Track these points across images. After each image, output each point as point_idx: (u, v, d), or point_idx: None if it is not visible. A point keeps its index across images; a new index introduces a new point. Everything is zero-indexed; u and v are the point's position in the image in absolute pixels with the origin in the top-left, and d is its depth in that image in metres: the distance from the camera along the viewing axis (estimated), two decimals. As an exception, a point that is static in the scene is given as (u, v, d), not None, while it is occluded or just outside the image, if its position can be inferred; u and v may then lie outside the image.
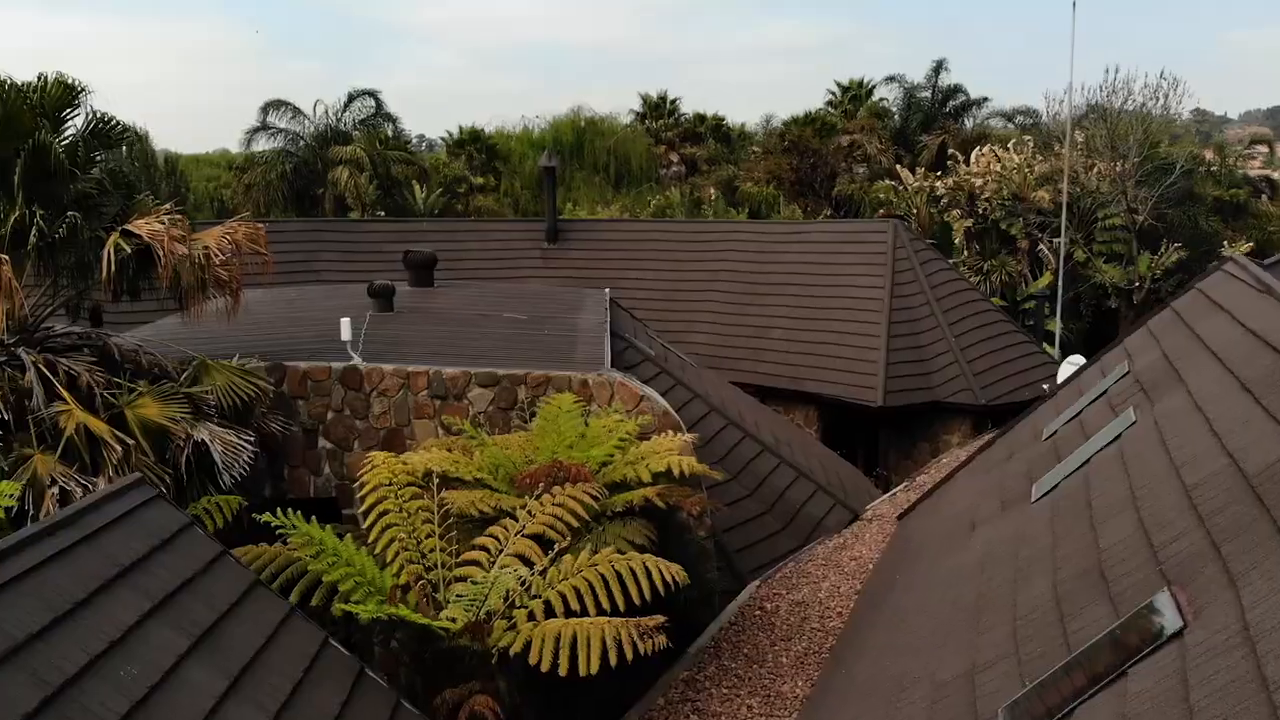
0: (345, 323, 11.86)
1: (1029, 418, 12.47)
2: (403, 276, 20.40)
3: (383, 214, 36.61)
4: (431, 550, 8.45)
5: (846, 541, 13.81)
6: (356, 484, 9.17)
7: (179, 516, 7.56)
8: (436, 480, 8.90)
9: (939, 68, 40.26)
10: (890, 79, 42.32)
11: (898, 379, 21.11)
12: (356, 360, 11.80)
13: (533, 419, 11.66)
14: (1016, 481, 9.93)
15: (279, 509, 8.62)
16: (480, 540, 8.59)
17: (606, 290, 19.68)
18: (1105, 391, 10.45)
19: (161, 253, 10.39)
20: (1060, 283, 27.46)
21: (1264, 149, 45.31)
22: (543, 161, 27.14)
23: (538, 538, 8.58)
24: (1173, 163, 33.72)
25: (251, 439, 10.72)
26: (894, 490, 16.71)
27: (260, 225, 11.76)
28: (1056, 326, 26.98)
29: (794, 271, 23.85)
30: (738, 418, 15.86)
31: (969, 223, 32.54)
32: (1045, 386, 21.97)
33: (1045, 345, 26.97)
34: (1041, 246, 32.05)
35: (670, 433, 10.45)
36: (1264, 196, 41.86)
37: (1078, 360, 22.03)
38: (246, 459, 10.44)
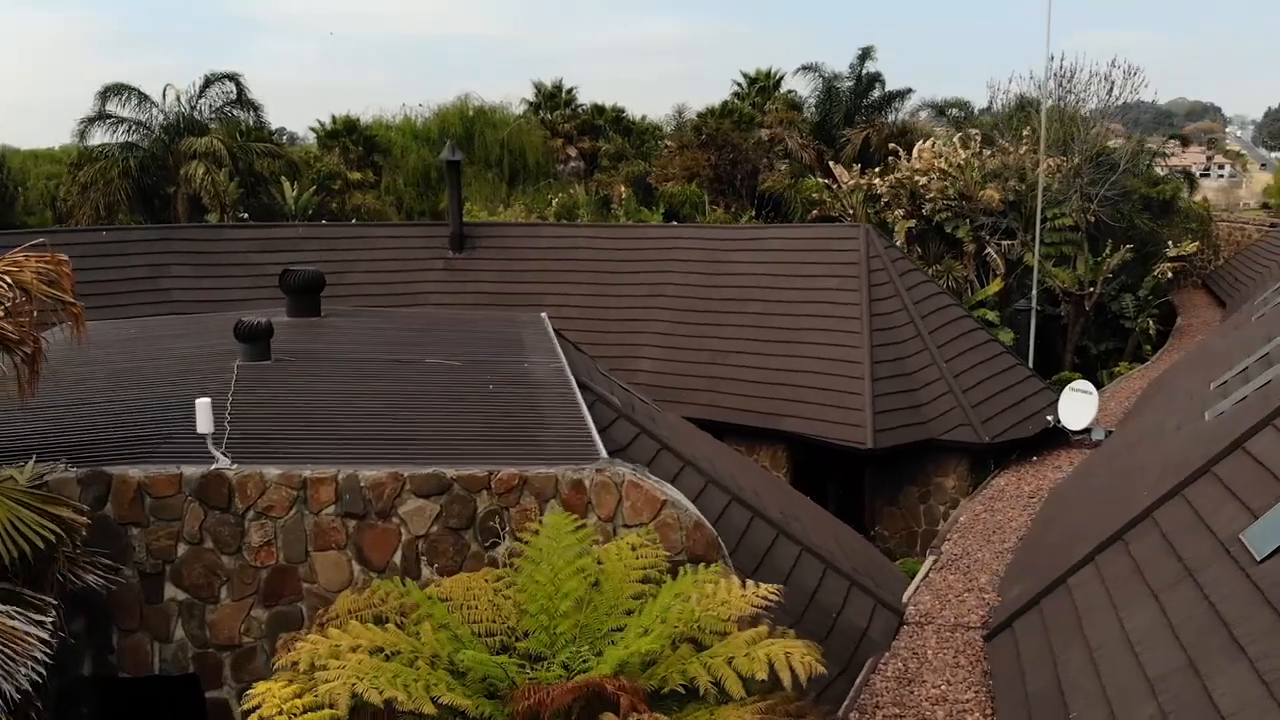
0: (203, 405, 7.65)
1: (1178, 503, 9.14)
2: (274, 295, 16.08)
3: (246, 217, 31.68)
4: None
5: (909, 667, 10.28)
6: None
7: None
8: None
9: (865, 56, 37.22)
10: (806, 68, 39.20)
11: (887, 414, 17.78)
12: (222, 463, 7.64)
13: (503, 544, 7.74)
14: (1268, 642, 6.54)
15: None
16: None
17: (543, 315, 15.79)
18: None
19: None
20: (1035, 291, 24.75)
21: (1178, 145, 44.05)
22: (445, 155, 22.95)
23: (574, 836, 4.72)
24: (1117, 159, 31.53)
25: (51, 614, 6.52)
26: (925, 570, 13.30)
27: (62, 257, 7.49)
28: (1031, 344, 24.18)
29: (753, 285, 20.33)
30: (735, 487, 12.19)
31: (912, 223, 29.63)
32: (1050, 419, 19.03)
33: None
34: (989, 250, 29.31)
35: (734, 581, 6.64)
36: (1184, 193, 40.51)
37: (1084, 388, 19.14)
38: (41, 655, 6.24)
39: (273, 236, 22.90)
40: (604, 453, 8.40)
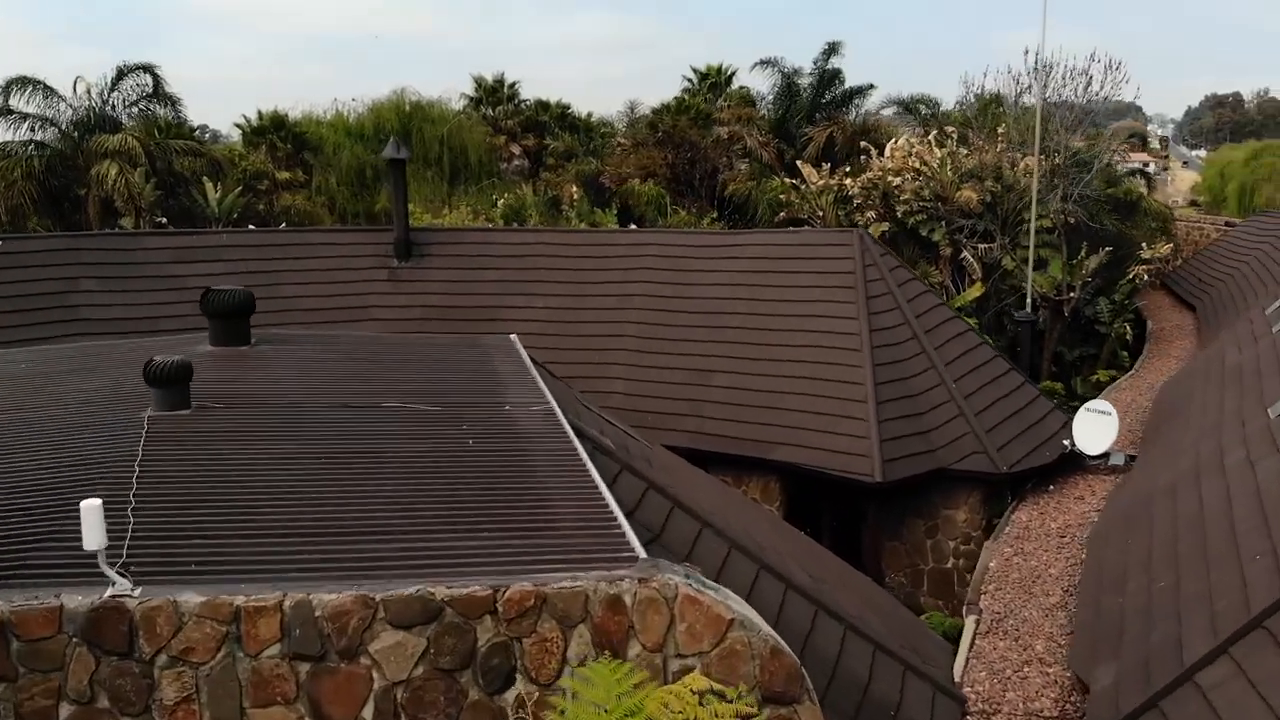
0: (91, 511, 5.42)
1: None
2: (196, 312, 13.70)
3: (165, 221, 29.00)
4: None
5: (992, 780, 8.44)
6: None
7: None
8: None
9: (831, 50, 35.46)
10: (765, 63, 37.33)
11: (894, 442, 16.00)
12: (120, 587, 5.45)
13: (510, 684, 5.67)
14: None
15: None
16: None
17: (513, 337, 13.67)
18: None
19: None
20: (1030, 298, 23.22)
21: (1138, 144, 43.19)
22: (388, 152, 20.67)
23: None
24: (1091, 159, 30.29)
25: None
26: (970, 637, 11.49)
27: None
28: (1028, 356, 22.63)
29: (735, 297, 18.42)
30: (756, 547, 10.22)
31: (885, 226, 28.01)
32: (1066, 443, 17.39)
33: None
34: (966, 253, 27.81)
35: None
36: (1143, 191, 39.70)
37: (1102, 408, 17.53)
38: None
39: (194, 244, 20.43)
40: (639, 547, 6.36)
